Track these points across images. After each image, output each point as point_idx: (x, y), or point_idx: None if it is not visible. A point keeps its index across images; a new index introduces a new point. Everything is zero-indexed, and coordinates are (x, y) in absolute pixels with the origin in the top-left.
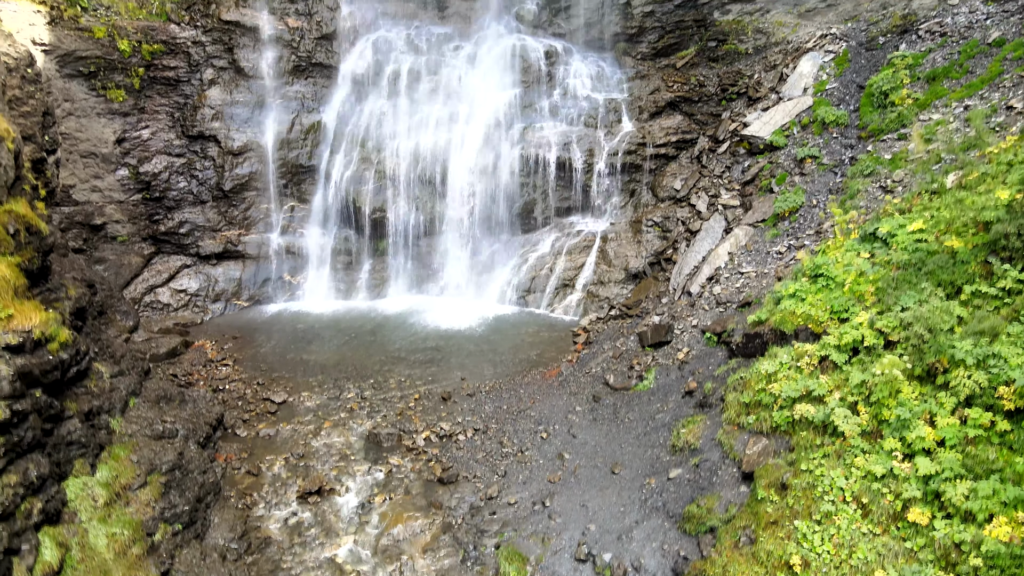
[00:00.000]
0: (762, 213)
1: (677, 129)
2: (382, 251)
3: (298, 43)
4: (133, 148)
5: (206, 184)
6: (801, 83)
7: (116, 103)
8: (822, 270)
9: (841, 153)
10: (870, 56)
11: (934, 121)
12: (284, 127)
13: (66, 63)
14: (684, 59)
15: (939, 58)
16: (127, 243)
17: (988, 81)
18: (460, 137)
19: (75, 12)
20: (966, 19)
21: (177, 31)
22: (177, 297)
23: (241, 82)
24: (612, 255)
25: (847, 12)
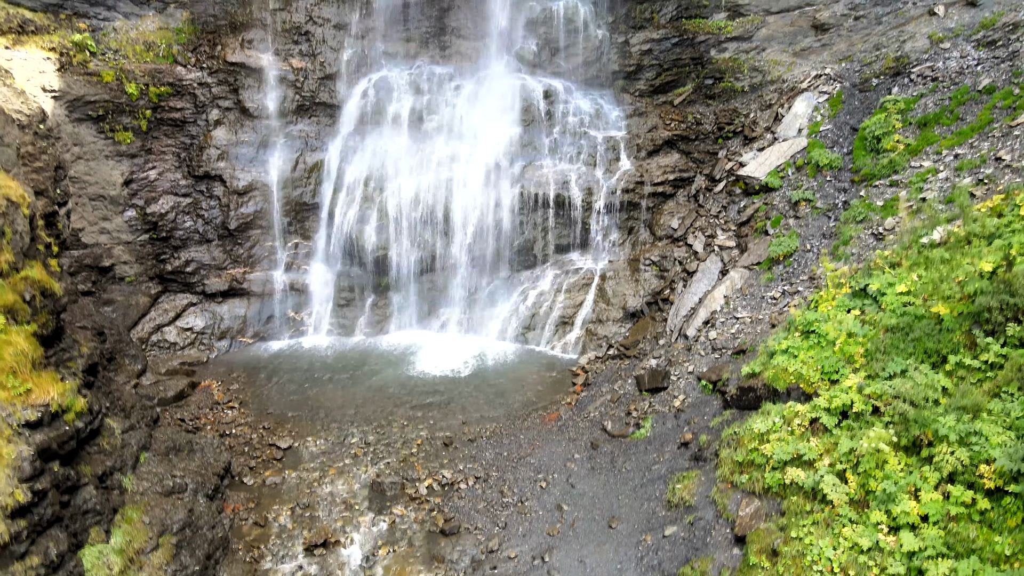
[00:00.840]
0: (757, 256)
1: (674, 167)
2: (384, 287)
3: (302, 83)
4: (140, 189)
5: (212, 223)
6: (796, 124)
7: (124, 145)
8: (814, 327)
9: (835, 197)
10: (863, 98)
11: (925, 169)
12: (288, 166)
13: (75, 108)
14: (681, 96)
15: (930, 103)
16: (134, 283)
17: (978, 129)
18: (461, 176)
19: (84, 57)
20: (957, 64)
21: (184, 73)
22: (183, 336)
23: (246, 122)
24: (610, 294)
25: (841, 52)
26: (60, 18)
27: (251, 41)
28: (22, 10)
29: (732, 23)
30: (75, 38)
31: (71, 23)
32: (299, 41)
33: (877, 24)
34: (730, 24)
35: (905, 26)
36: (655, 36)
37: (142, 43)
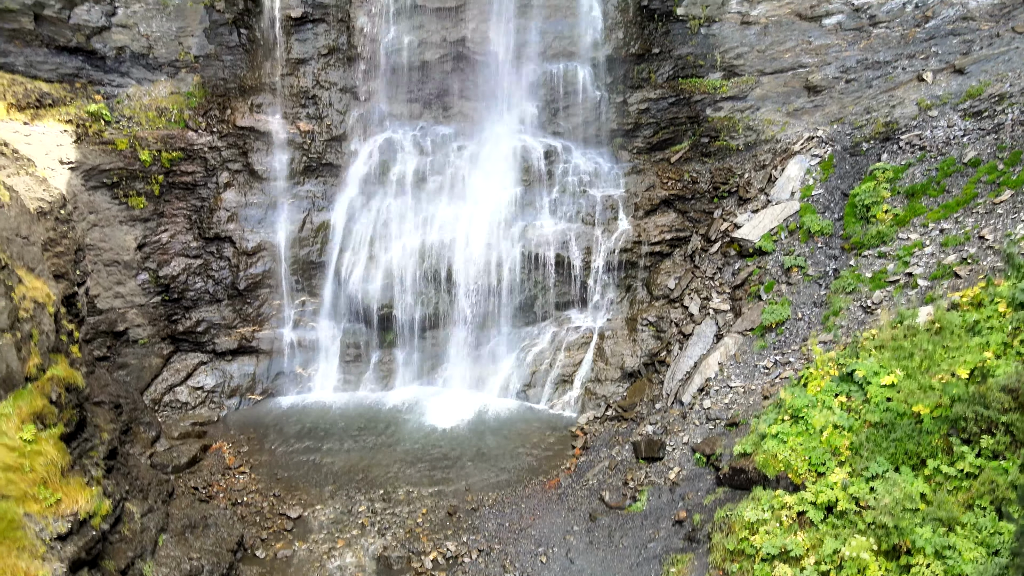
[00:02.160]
0: (751, 321)
1: (671, 227)
2: (389, 343)
3: (309, 145)
4: (153, 252)
5: (222, 283)
6: (789, 186)
7: (137, 210)
8: (802, 413)
9: (826, 264)
10: (854, 162)
11: (912, 242)
12: (296, 226)
13: (91, 177)
14: (678, 153)
15: (918, 173)
16: (147, 345)
17: (963, 203)
18: (464, 235)
19: (99, 127)
20: (944, 133)
21: (195, 138)
22: (195, 395)
23: (255, 184)
24: (609, 353)
25: (833, 114)
26: (76, 87)
27: (260, 105)
28: (39, 83)
29: (727, 83)
30: (91, 108)
31: (86, 92)
32: (306, 104)
33: (867, 87)
34: (725, 84)
35: (894, 91)
36: (652, 96)
37: (155, 109)
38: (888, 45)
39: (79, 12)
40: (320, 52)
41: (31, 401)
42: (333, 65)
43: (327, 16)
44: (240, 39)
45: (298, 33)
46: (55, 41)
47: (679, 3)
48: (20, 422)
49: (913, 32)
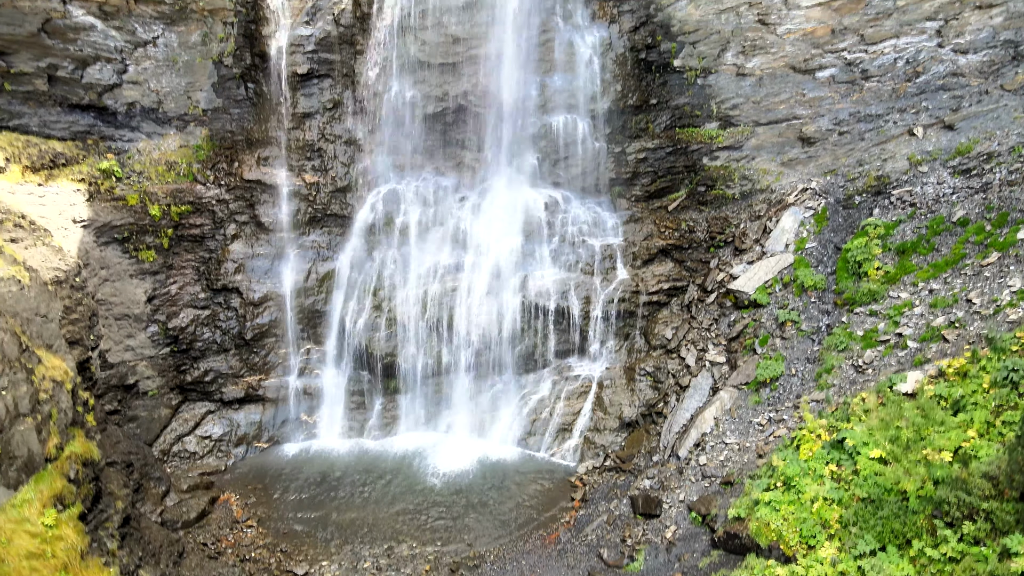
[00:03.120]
0: (746, 376)
1: (668, 276)
2: (393, 390)
3: (314, 196)
4: (162, 304)
5: (229, 333)
6: (783, 238)
7: (147, 263)
8: (794, 482)
9: (819, 319)
10: (847, 215)
11: (902, 301)
12: (301, 276)
13: (103, 233)
14: (675, 201)
15: (908, 230)
16: (156, 396)
17: (952, 264)
18: (466, 285)
19: (111, 184)
20: (934, 190)
21: (203, 191)
22: (202, 444)
23: (261, 235)
24: (607, 403)
25: (826, 165)
26: (88, 143)
27: (267, 158)
28: (52, 142)
29: (724, 132)
30: (102, 166)
31: (98, 148)
32: (312, 157)
33: (860, 140)
34: (721, 134)
35: (886, 144)
36: (650, 145)
37: (164, 163)
38: (880, 98)
39: (91, 71)
40: (325, 106)
41: (51, 483)
42: (338, 118)
43: (332, 71)
44: (247, 92)
45: (304, 88)
46: (68, 100)
47: (676, 55)
48: (42, 507)
49: (904, 86)
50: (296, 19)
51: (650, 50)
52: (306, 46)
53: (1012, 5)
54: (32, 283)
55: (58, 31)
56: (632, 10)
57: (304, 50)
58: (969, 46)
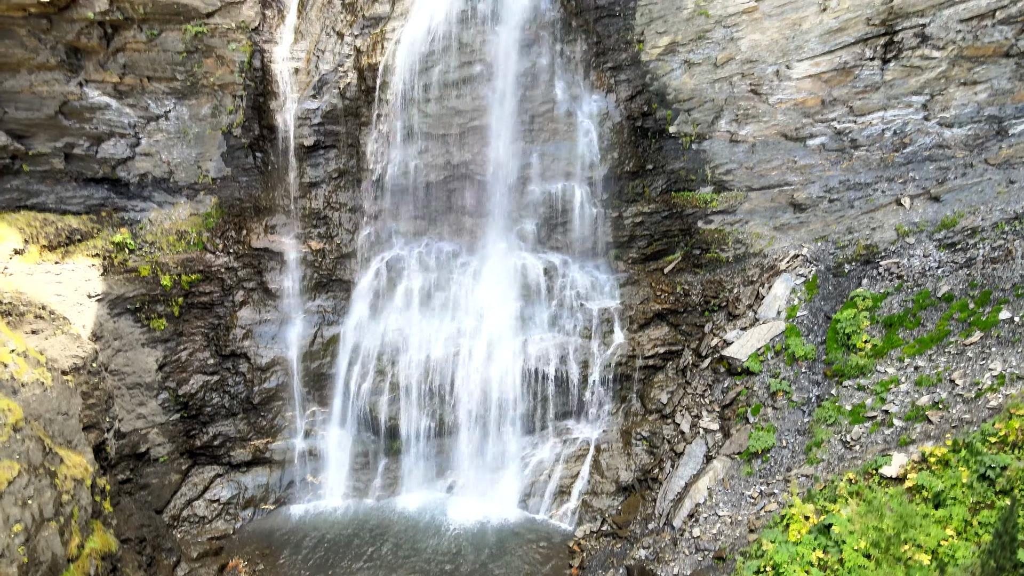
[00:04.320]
0: (739, 445)
1: (664, 340)
2: (396, 450)
3: (320, 263)
4: (173, 371)
5: (237, 398)
6: (775, 305)
7: (158, 331)
8: (783, 569)
9: (809, 389)
10: (837, 283)
11: (889, 377)
12: (307, 340)
13: (116, 305)
14: (671, 264)
15: (896, 303)
16: (167, 462)
17: (937, 340)
18: (467, 350)
19: (123, 256)
20: (920, 263)
21: (212, 259)
22: (211, 508)
23: (269, 301)
24: (604, 466)
25: (817, 231)
26: (102, 216)
27: (274, 226)
28: (68, 218)
29: (718, 197)
30: (116, 239)
31: (111, 220)
32: (318, 224)
33: (849, 208)
34: (716, 198)
35: (875, 213)
36: (646, 209)
37: (175, 232)
38: (869, 167)
39: (106, 147)
40: (331, 175)
41: None
42: (343, 187)
43: (338, 142)
44: (255, 162)
45: (310, 159)
46: (83, 175)
47: (671, 122)
48: None
49: (892, 156)
50: (303, 93)
51: (646, 117)
52: (313, 119)
53: (995, 82)
54: (54, 383)
55: (74, 112)
56: (629, 79)
57: (311, 123)
58: (954, 120)
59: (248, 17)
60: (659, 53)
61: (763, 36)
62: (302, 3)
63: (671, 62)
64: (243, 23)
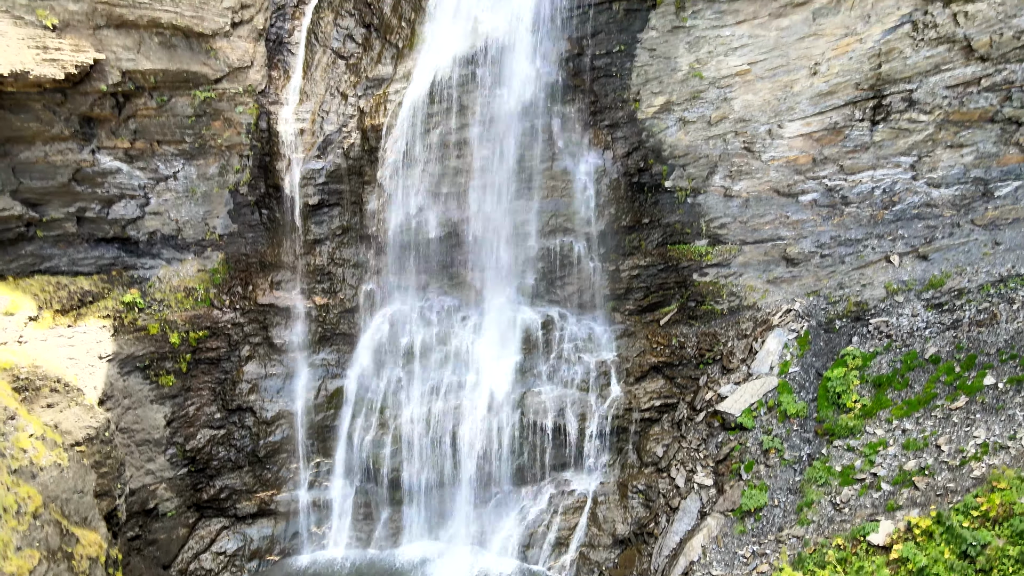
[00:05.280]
0: (732, 502)
1: (660, 393)
2: (398, 501)
3: (324, 317)
4: (180, 427)
5: (243, 451)
6: (768, 360)
7: (166, 388)
8: None
9: (800, 448)
10: (828, 339)
11: (877, 439)
12: (312, 394)
13: (126, 364)
14: (667, 315)
15: (884, 363)
16: (175, 516)
17: (924, 403)
18: (467, 403)
19: (133, 316)
20: (908, 323)
21: (219, 316)
22: (218, 560)
23: (274, 355)
24: (601, 519)
25: (809, 286)
26: (112, 275)
27: (279, 282)
28: (80, 280)
29: (712, 250)
30: (126, 299)
31: (121, 278)
32: (322, 280)
33: (840, 263)
34: (711, 251)
35: (865, 269)
36: (643, 263)
37: (183, 289)
38: (859, 223)
39: (116, 208)
40: (335, 232)
41: None
42: (346, 243)
43: (341, 200)
44: (261, 218)
45: (315, 217)
46: (94, 236)
47: (667, 177)
48: None
49: (881, 214)
50: (308, 153)
51: (642, 173)
52: (317, 178)
53: (981, 146)
54: (70, 462)
55: (87, 178)
56: (625, 136)
57: (315, 182)
58: (942, 180)
59: (255, 81)
60: (655, 112)
61: (756, 97)
62: (307, 64)
63: (666, 120)
64: (250, 87)
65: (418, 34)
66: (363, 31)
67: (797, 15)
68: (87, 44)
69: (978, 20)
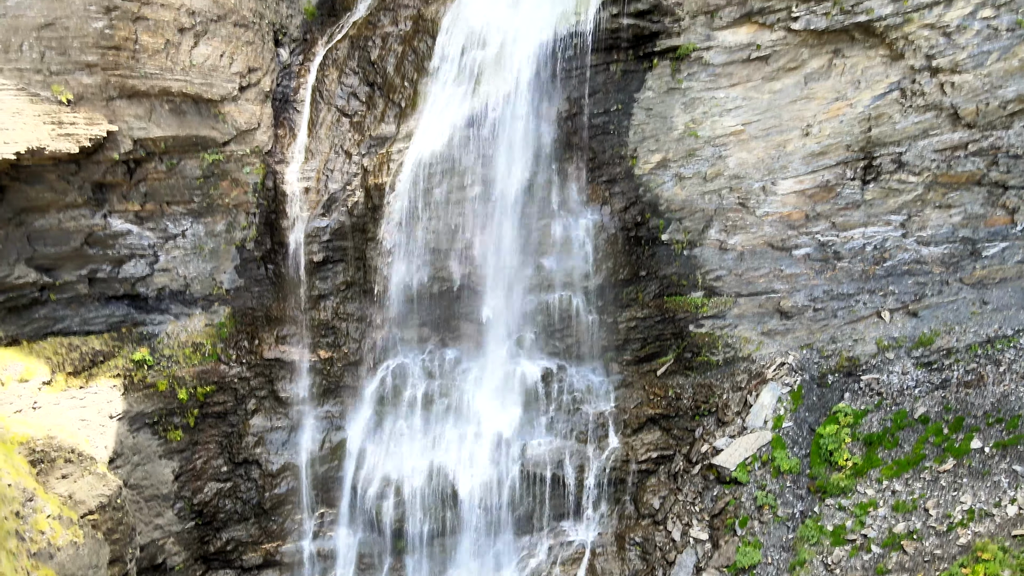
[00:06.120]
0: (726, 558)
1: (656, 445)
2: (400, 550)
3: (328, 370)
4: (188, 480)
5: (249, 503)
6: (762, 414)
7: (174, 443)
8: None
9: (793, 504)
10: (820, 394)
11: (868, 499)
12: (316, 446)
13: (135, 421)
14: (663, 366)
15: (875, 421)
16: (182, 570)
17: (913, 464)
18: (468, 455)
19: (143, 374)
20: (899, 381)
21: (226, 371)
22: None
23: (279, 409)
24: (599, 571)
25: (802, 339)
26: (122, 332)
27: (284, 337)
28: (91, 339)
29: (708, 302)
30: (136, 357)
31: (131, 335)
32: (326, 334)
33: (833, 317)
34: (706, 303)
35: (857, 324)
36: (640, 315)
37: (191, 345)
38: (851, 278)
39: (127, 268)
40: (339, 287)
41: None
42: (350, 298)
43: (345, 256)
44: (267, 273)
45: (319, 273)
46: (104, 294)
47: (663, 230)
48: None
49: (873, 269)
50: (313, 211)
51: (639, 227)
52: (322, 236)
53: (969, 207)
54: (86, 538)
55: (98, 241)
56: (623, 191)
57: (320, 240)
58: (931, 239)
59: (262, 142)
60: (651, 168)
61: (750, 155)
62: (312, 122)
63: (663, 175)
64: (257, 148)
65: (420, 94)
66: (367, 89)
67: (789, 79)
68: (100, 116)
69: (964, 90)
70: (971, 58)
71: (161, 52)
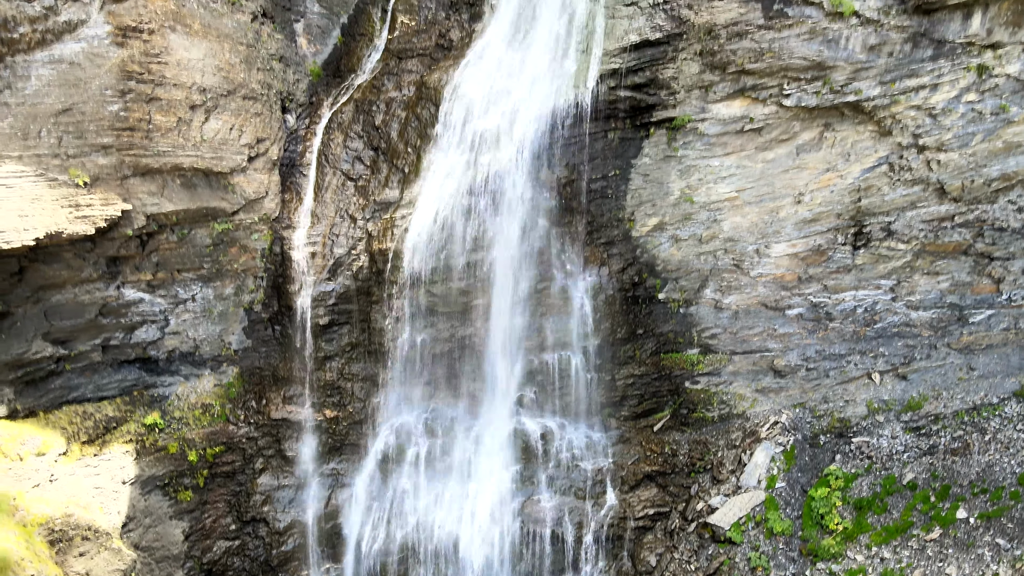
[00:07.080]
0: None
1: (653, 502)
2: None
3: (334, 429)
4: (198, 540)
5: (257, 561)
6: (756, 473)
7: (184, 503)
8: None
9: (786, 567)
10: (813, 455)
11: (857, 566)
12: (322, 503)
13: (147, 484)
14: (660, 421)
15: (865, 486)
16: None
17: (901, 531)
18: (469, 512)
19: (154, 437)
20: (888, 445)
21: (235, 431)
22: None
23: (286, 467)
24: None
25: (795, 397)
26: (134, 396)
27: (291, 397)
28: (105, 405)
29: (704, 359)
30: (147, 421)
31: (143, 398)
32: (332, 394)
33: (825, 377)
34: (702, 360)
35: (848, 384)
36: (637, 372)
37: (200, 406)
38: (843, 338)
39: (138, 333)
40: (344, 349)
41: None
42: (355, 359)
43: (351, 319)
44: (274, 334)
45: (325, 335)
46: (117, 360)
47: (660, 290)
48: None
49: (863, 331)
50: (319, 276)
51: (636, 286)
52: (328, 300)
53: (956, 275)
54: None
55: (112, 311)
56: (620, 253)
57: (326, 303)
58: (920, 304)
59: (269, 209)
60: (648, 231)
61: (744, 219)
62: (318, 185)
63: (659, 238)
64: (265, 215)
65: (423, 159)
66: (371, 153)
67: (782, 149)
68: (115, 195)
69: (950, 167)
70: (956, 138)
71: (173, 130)
